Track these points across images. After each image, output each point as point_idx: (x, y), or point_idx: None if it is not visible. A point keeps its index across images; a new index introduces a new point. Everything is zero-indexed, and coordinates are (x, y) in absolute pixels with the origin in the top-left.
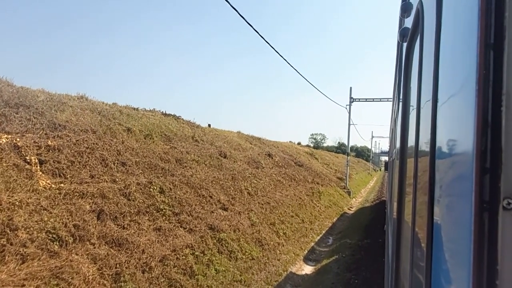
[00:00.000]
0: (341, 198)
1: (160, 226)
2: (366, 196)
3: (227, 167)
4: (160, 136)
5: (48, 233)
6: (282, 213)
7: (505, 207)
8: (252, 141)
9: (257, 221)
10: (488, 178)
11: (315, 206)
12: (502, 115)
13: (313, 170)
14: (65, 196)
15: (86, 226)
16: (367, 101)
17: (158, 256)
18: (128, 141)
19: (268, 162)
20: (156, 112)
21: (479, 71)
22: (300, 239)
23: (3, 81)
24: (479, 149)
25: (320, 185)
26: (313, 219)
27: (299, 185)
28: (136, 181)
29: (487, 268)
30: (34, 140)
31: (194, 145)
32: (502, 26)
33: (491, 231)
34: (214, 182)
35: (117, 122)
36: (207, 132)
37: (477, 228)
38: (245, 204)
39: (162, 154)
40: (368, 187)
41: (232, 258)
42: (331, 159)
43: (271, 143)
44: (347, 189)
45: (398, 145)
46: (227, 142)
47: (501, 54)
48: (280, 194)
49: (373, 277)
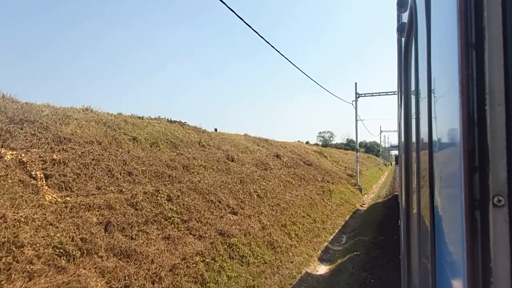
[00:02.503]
0: (353, 195)
1: (169, 234)
2: (378, 192)
3: (235, 171)
4: (166, 143)
5: (55, 248)
6: (293, 214)
7: (495, 204)
8: (259, 143)
9: (268, 224)
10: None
11: (326, 205)
12: (486, 114)
13: (323, 168)
14: (72, 209)
15: (93, 239)
16: (373, 95)
17: (167, 266)
18: (134, 150)
19: (276, 163)
20: (162, 120)
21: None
22: (313, 239)
23: (7, 98)
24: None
25: (330, 183)
26: (325, 218)
27: (309, 185)
28: (143, 190)
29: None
30: (39, 154)
31: (201, 151)
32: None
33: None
34: (222, 186)
35: (123, 132)
36: (213, 136)
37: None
38: (255, 207)
39: (168, 161)
40: (380, 182)
41: (244, 263)
42: (340, 156)
43: (278, 144)
44: (358, 186)
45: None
46: (234, 146)
47: (482, 53)
48: (290, 194)
49: (389, 276)
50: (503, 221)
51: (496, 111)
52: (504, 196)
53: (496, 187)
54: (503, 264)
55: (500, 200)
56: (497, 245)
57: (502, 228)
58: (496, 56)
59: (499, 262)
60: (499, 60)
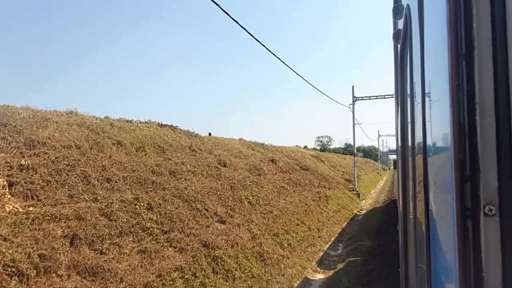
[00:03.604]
0: (350, 201)
1: (145, 247)
2: (377, 197)
3: (227, 176)
4: (154, 147)
5: (6, 267)
6: (286, 222)
7: (486, 214)
8: (254, 147)
9: (259, 233)
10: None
11: (322, 212)
12: (477, 124)
13: (320, 173)
14: (33, 221)
15: (54, 254)
16: (370, 98)
17: (139, 284)
18: (117, 155)
19: (271, 168)
20: (152, 123)
21: (452, 81)
22: (307, 249)
23: None
24: (457, 157)
25: (327, 188)
26: (321, 226)
27: (305, 190)
28: (120, 198)
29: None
30: (6, 160)
31: (191, 155)
32: (471, 36)
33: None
34: (211, 193)
35: (107, 135)
36: (206, 141)
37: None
38: (245, 215)
39: (154, 166)
40: (378, 187)
41: (229, 278)
42: (338, 161)
43: (274, 149)
44: (356, 191)
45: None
46: (227, 150)
47: (472, 64)
48: (284, 201)
49: None
50: (494, 230)
51: (486, 121)
52: (495, 205)
53: (487, 196)
54: (495, 273)
55: (491, 209)
56: (489, 254)
57: (494, 237)
58: (486, 67)
59: (491, 272)
60: (489, 70)
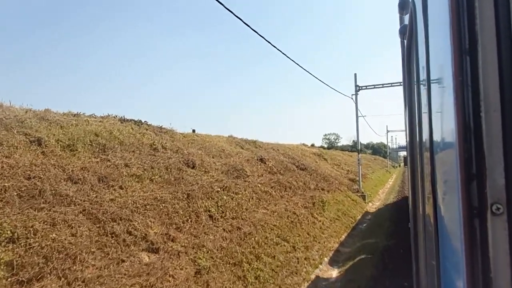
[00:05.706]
0: (353, 205)
1: None
2: (385, 198)
3: (189, 181)
4: (91, 146)
5: None
6: (260, 242)
7: (494, 213)
8: (244, 145)
9: (209, 265)
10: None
11: (315, 222)
12: (482, 120)
13: (319, 173)
14: None
15: None
16: (375, 87)
17: None
18: (19, 156)
19: (256, 169)
20: (109, 118)
21: (455, 77)
22: (286, 280)
23: None
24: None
25: (325, 191)
26: (311, 242)
27: (296, 195)
28: None
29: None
30: None
31: (149, 155)
32: (475, 32)
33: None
34: (151, 205)
35: (22, 131)
36: (178, 138)
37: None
38: (197, 236)
39: (77, 171)
40: (387, 186)
41: None
42: (344, 159)
43: (269, 146)
44: (361, 192)
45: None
46: (204, 148)
47: (476, 59)
48: (264, 211)
49: None
50: (502, 230)
51: (491, 117)
52: (502, 203)
53: (494, 194)
54: (503, 274)
55: (499, 208)
56: (497, 255)
57: (502, 237)
58: (490, 62)
59: (499, 273)
60: (493, 66)
